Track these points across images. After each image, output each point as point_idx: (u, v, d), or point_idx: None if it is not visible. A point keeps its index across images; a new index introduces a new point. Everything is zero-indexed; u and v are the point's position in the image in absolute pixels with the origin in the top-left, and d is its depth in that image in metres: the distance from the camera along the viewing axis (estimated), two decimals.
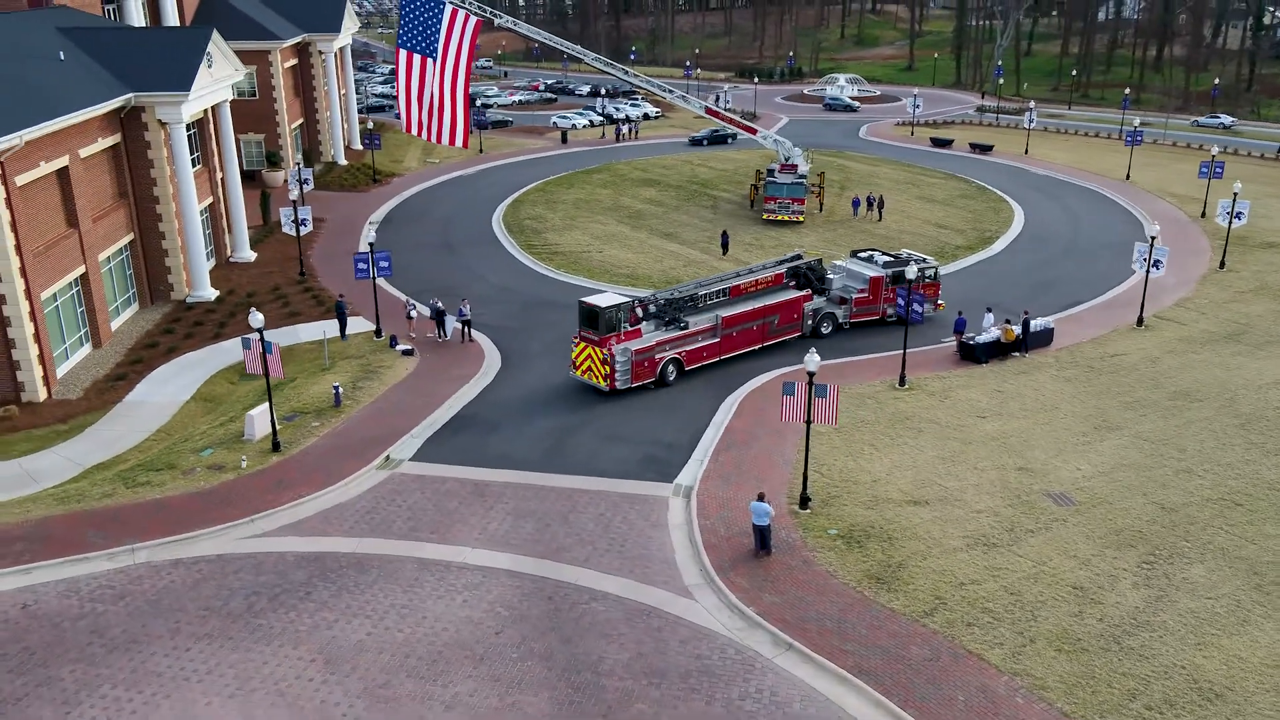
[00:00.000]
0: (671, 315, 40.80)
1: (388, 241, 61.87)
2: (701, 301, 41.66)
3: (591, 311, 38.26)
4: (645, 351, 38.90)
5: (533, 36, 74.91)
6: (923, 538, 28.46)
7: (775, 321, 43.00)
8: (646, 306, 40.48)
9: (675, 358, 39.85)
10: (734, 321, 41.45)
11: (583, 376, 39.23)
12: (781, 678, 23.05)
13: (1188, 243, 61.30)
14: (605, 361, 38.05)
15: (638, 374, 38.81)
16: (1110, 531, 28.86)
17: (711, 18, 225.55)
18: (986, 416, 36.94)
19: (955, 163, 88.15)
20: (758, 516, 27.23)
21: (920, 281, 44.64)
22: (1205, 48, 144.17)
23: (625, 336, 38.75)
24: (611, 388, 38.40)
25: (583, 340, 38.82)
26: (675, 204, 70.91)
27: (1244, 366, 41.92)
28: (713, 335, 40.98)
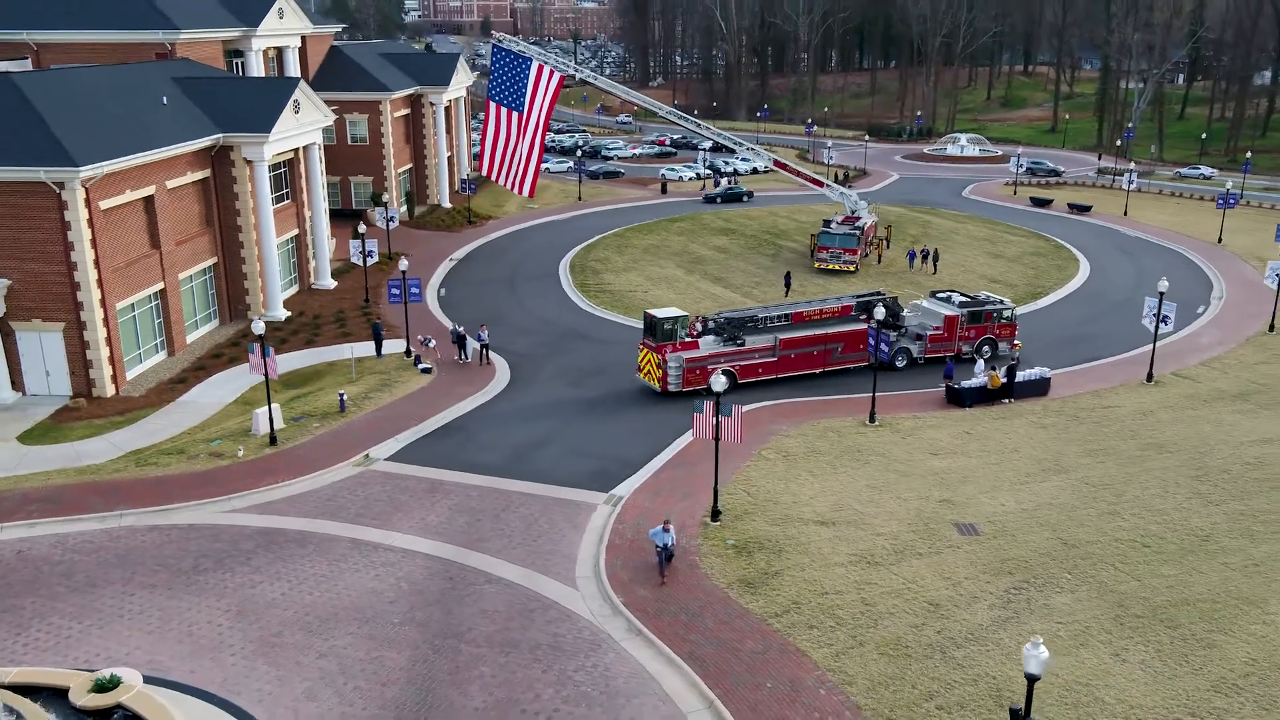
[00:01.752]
0: (731, 333, 45.17)
1: (460, 275, 67.09)
2: (762, 324, 46.04)
3: (651, 321, 43.64)
4: (698, 361, 43.71)
5: (612, 90, 79.34)
6: (811, 553, 30.24)
7: (839, 349, 46.81)
8: (707, 322, 45.65)
9: (729, 370, 44.06)
10: (792, 344, 45.68)
11: (643, 378, 44.48)
12: (620, 657, 25.42)
13: (1252, 306, 59.83)
14: (660, 366, 43.24)
15: (689, 380, 43.60)
16: (996, 560, 29.91)
17: (857, 77, 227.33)
18: (939, 454, 38.11)
19: (1049, 222, 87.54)
20: (656, 538, 28.94)
21: (998, 323, 49.45)
22: None
23: (681, 346, 43.74)
24: (664, 389, 43.55)
25: (644, 347, 44.12)
26: (739, 251, 73.58)
27: (1237, 424, 41.49)
28: (770, 354, 45.28)
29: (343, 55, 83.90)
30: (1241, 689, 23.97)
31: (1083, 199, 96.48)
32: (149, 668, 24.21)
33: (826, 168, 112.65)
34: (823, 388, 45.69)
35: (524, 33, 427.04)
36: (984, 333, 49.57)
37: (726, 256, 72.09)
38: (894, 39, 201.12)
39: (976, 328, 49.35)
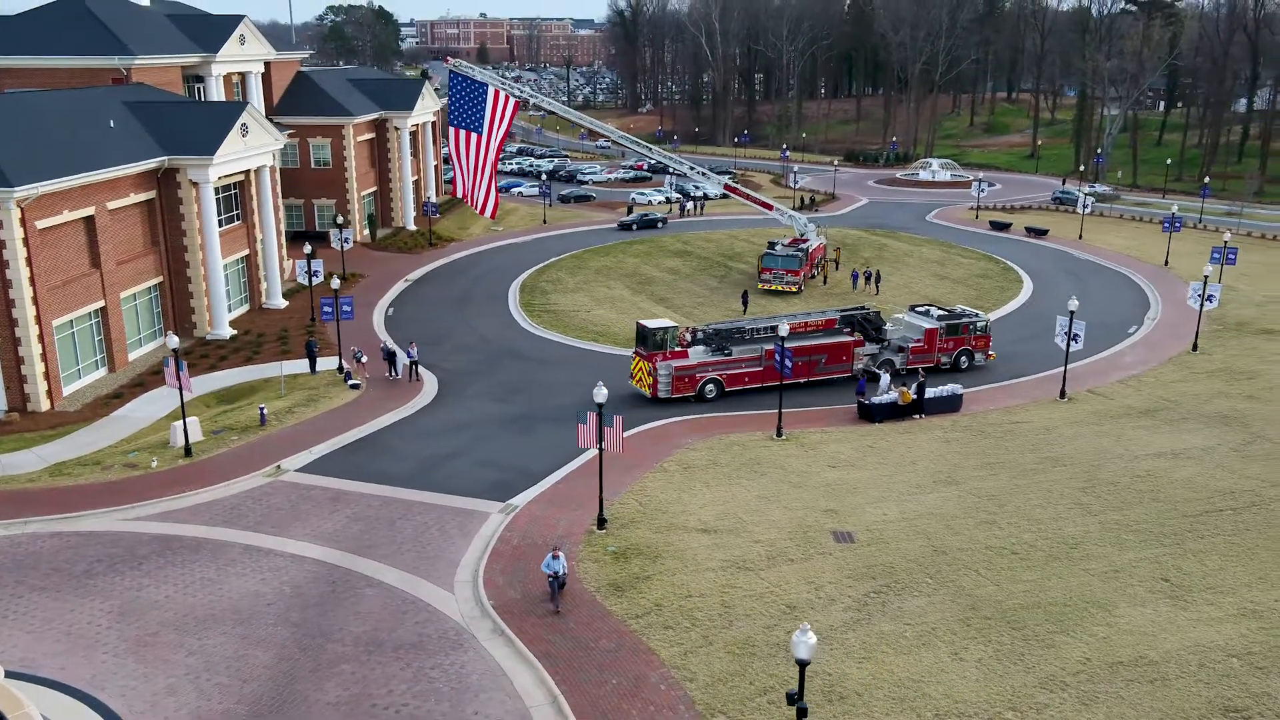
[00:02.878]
0: (719, 344, 47.24)
1: (412, 296, 68.37)
2: (749, 335, 47.89)
3: (643, 331, 46.17)
4: (687, 369, 46.08)
5: (567, 116, 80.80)
6: (685, 559, 31.21)
7: (823, 361, 48.80)
8: (696, 333, 47.97)
9: (716, 379, 46.67)
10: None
11: (635, 385, 46.96)
12: (479, 655, 26.37)
13: (1183, 326, 60.79)
14: (651, 374, 45.56)
15: (678, 387, 46.01)
16: (863, 566, 30.87)
17: (844, 104, 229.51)
18: (837, 467, 39.11)
19: (1005, 245, 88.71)
20: (546, 567, 28.65)
21: (974, 334, 51.98)
22: None
23: (671, 355, 46.09)
24: (654, 396, 45.93)
25: (637, 355, 46.78)
26: (690, 273, 74.83)
27: (1137, 439, 42.47)
28: (756, 365, 47.30)
29: (308, 80, 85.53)
30: (1067, 685, 24.87)
31: (1042, 223, 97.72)
32: (20, 664, 25.20)
33: (793, 192, 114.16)
34: (768, 401, 46.71)
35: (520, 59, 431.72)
36: (961, 344, 51.90)
37: (676, 278, 73.32)
38: (879, 66, 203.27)
39: (954, 339, 51.71)
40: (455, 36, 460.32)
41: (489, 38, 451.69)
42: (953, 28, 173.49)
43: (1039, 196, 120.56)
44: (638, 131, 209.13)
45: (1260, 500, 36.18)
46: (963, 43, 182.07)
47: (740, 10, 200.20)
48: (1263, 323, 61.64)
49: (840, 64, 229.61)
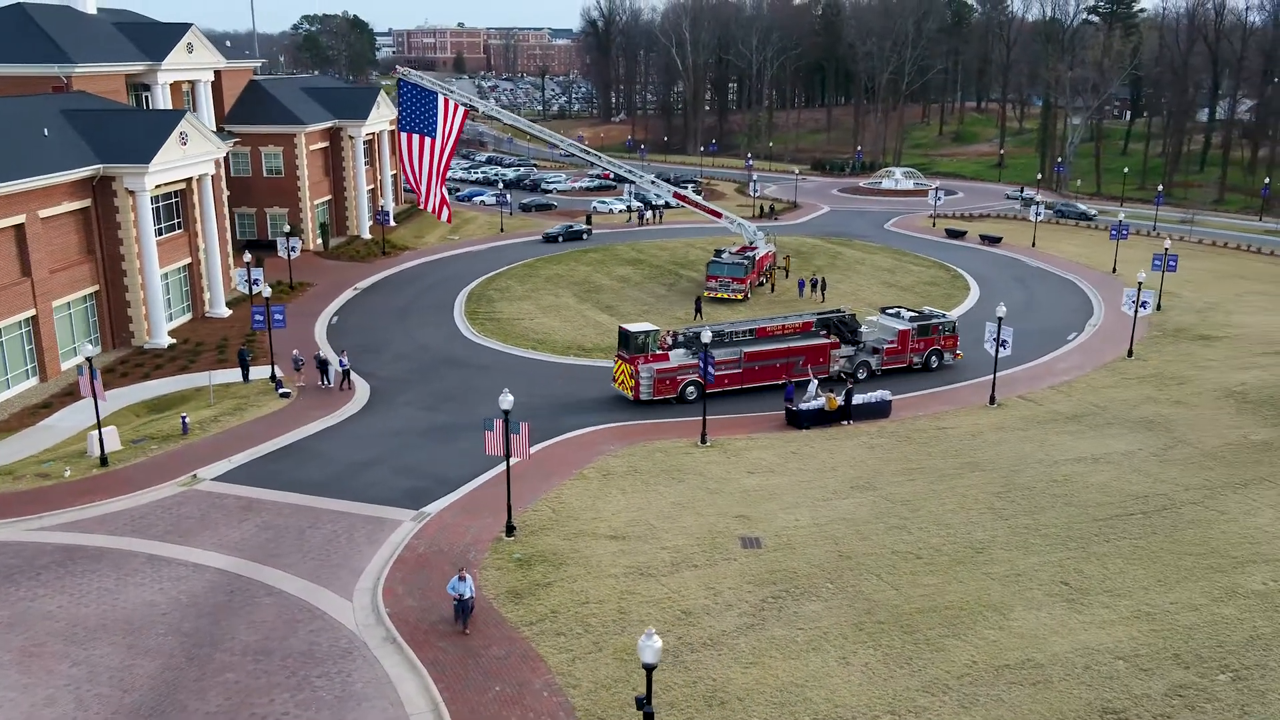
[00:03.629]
0: (699, 346, 46.46)
1: (359, 304, 68.21)
2: (729, 338, 49.01)
3: (625, 335, 46.91)
4: (668, 372, 46.82)
5: (514, 124, 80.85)
6: (590, 565, 31.16)
7: (800, 362, 49.44)
8: (677, 336, 48.83)
9: (696, 380, 46.78)
10: (756, 357, 48.77)
11: (618, 388, 47.57)
12: (367, 664, 26.23)
13: (1122, 332, 61.11)
14: (633, 376, 46.26)
15: (659, 390, 46.74)
16: (766, 571, 30.89)
17: (815, 114, 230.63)
18: (756, 473, 39.16)
19: (958, 253, 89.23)
20: (453, 589, 27.58)
21: (943, 335, 53.42)
22: None
23: (653, 358, 46.89)
24: (636, 398, 46.63)
25: (619, 359, 47.47)
26: (640, 281, 74.91)
27: (1060, 444, 42.71)
28: (735, 367, 48.20)
29: (260, 89, 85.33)
30: (950, 689, 24.94)
31: (997, 231, 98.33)
32: None
33: (753, 200, 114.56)
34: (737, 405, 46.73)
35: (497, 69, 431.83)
36: (931, 344, 53.33)
37: (625, 286, 73.37)
38: (848, 76, 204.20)
39: (925, 340, 53.14)
40: (432, 46, 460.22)
41: (465, 47, 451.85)
42: (919, 38, 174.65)
43: (998, 205, 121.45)
44: (609, 140, 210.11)
45: (1171, 504, 36.43)
46: (930, 53, 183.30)
47: (710, 20, 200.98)
48: (1201, 329, 62.17)
49: (812, 74, 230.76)
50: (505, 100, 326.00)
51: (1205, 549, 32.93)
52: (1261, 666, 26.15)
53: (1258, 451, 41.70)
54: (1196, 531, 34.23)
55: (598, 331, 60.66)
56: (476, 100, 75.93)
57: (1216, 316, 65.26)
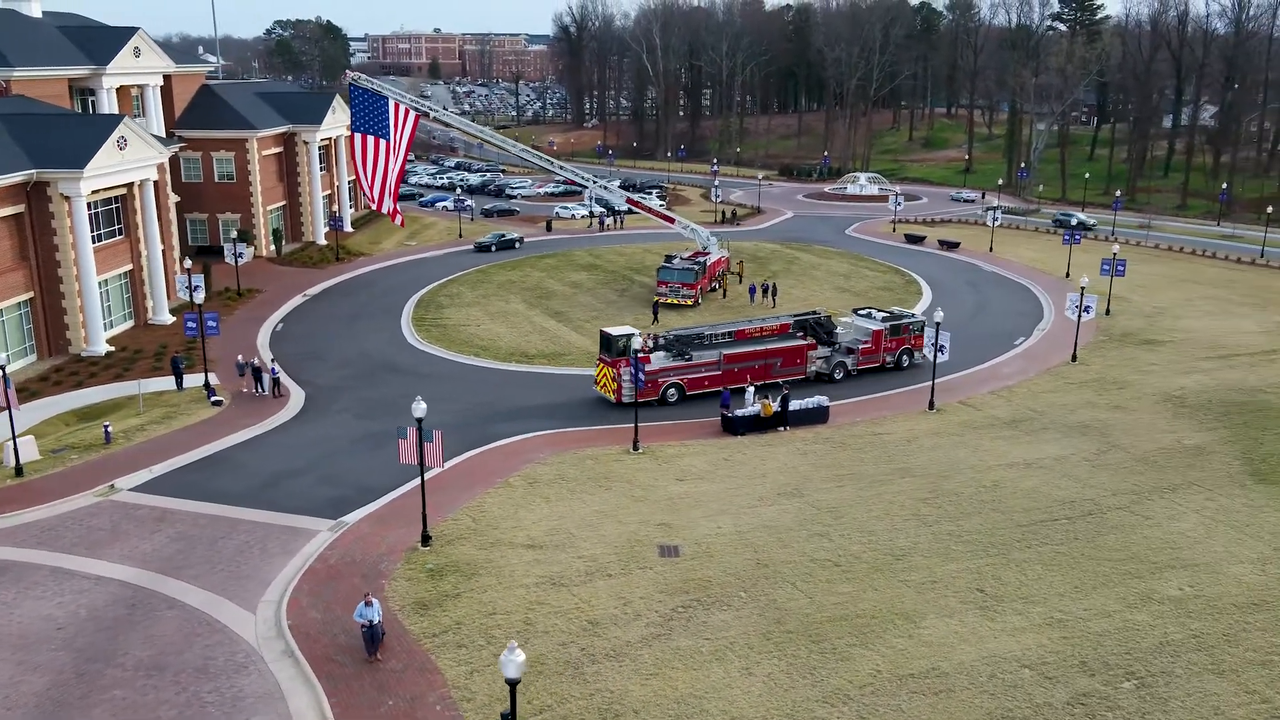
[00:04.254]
0: (680, 349, 48.64)
1: (307, 310, 67.51)
2: (708, 340, 49.47)
3: (607, 339, 47.09)
4: (650, 375, 47.10)
5: (465, 129, 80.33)
6: (503, 575, 30.69)
7: (778, 364, 50.22)
8: (658, 339, 49.34)
9: (678, 383, 47.97)
10: (735, 359, 49.12)
11: (600, 390, 47.90)
12: (262, 678, 25.68)
13: (1069, 337, 61.10)
14: (615, 379, 46.61)
15: (642, 392, 46.42)
16: (680, 580, 30.51)
17: (787, 119, 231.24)
18: (685, 480, 38.80)
19: (916, 258, 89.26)
20: (359, 615, 26.35)
21: (913, 334, 54.27)
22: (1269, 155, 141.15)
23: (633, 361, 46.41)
24: (618, 400, 46.85)
25: (600, 362, 47.80)
26: (592, 286, 74.51)
27: (993, 449, 42.56)
28: (715, 368, 48.57)
29: (212, 94, 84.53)
30: (850, 699, 24.61)
31: (956, 236, 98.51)
32: None
33: (715, 206, 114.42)
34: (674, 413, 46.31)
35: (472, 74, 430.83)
36: (902, 343, 54.18)
37: (577, 291, 72.95)
38: (819, 82, 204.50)
39: (897, 339, 54.03)
40: (407, 51, 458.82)
41: (441, 53, 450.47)
42: (886, 44, 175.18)
43: (961, 210, 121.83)
44: (581, 146, 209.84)
45: (1097, 509, 36.30)
46: (898, 59, 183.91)
47: (681, 26, 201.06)
48: (1147, 334, 62.29)
49: (784, 80, 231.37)
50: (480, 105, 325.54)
51: (1125, 554, 32.78)
52: (1167, 674, 25.96)
53: (1189, 456, 41.67)
54: (1119, 537, 34.08)
55: (543, 338, 60.24)
56: (426, 105, 75.31)
57: (1164, 321, 65.44)
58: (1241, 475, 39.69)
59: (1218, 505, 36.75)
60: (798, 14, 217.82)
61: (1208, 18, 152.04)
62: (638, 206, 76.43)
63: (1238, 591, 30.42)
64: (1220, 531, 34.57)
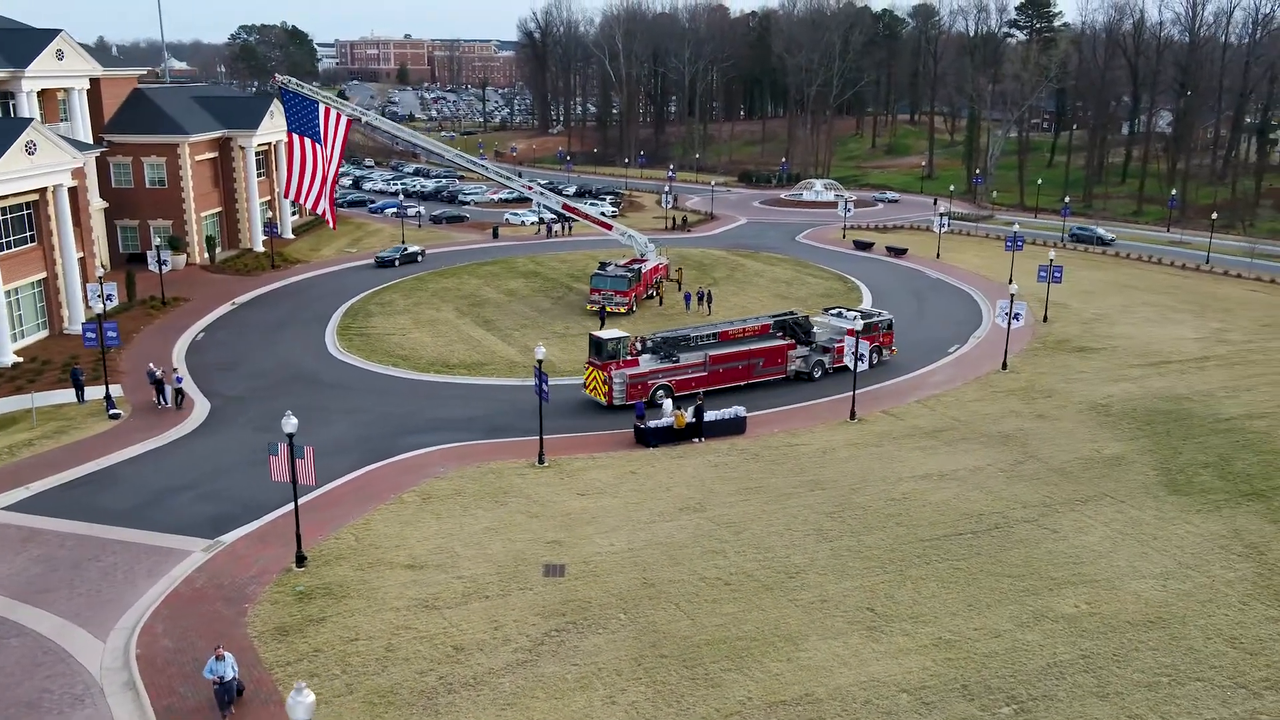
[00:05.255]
0: (666, 351, 49.11)
1: (234, 319, 65.96)
2: (694, 342, 50.01)
3: (597, 342, 47.38)
4: (639, 377, 47.50)
5: (398, 134, 78.95)
6: (374, 598, 29.34)
7: (760, 364, 51.08)
8: (645, 342, 49.61)
9: (666, 385, 48.03)
10: (720, 360, 49.88)
11: (590, 394, 48.05)
12: (96, 712, 24.24)
13: (1002, 344, 60.32)
14: (606, 382, 46.90)
15: (631, 395, 46.99)
16: (559, 602, 29.27)
17: (751, 125, 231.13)
18: (586, 495, 37.57)
19: (862, 265, 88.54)
20: (209, 671, 23.82)
21: (883, 332, 55.66)
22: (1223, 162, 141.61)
23: (624, 364, 47.50)
24: (610, 404, 47.09)
25: (590, 365, 47.92)
26: (528, 294, 73.24)
27: (908, 460, 41.59)
28: (701, 369, 49.20)
29: (144, 98, 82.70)
30: None
31: (905, 243, 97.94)
32: None
33: (666, 212, 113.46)
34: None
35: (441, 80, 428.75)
36: (874, 341, 54.42)
37: (512, 300, 71.66)
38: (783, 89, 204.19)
39: (869, 338, 53.38)
40: (375, 57, 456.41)
41: (409, 58, 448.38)
42: (846, 50, 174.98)
43: (915, 215, 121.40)
44: (543, 152, 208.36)
45: (1005, 523, 35.37)
46: (859, 65, 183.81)
47: (643, 33, 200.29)
48: (1082, 340, 61.66)
49: (748, 86, 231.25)
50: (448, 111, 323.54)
51: (1026, 570, 31.83)
52: (1049, 697, 24.95)
53: (1106, 467, 40.86)
54: (1022, 551, 33.15)
55: (468, 347, 58.92)
56: (358, 110, 73.94)
57: (1101, 328, 64.86)
58: (1156, 486, 38.87)
59: (1127, 518, 35.88)
60: (761, 20, 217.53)
61: (1161, 25, 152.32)
62: (573, 213, 75.28)
63: (1135, 609, 29.50)
64: (1126, 545, 33.70)
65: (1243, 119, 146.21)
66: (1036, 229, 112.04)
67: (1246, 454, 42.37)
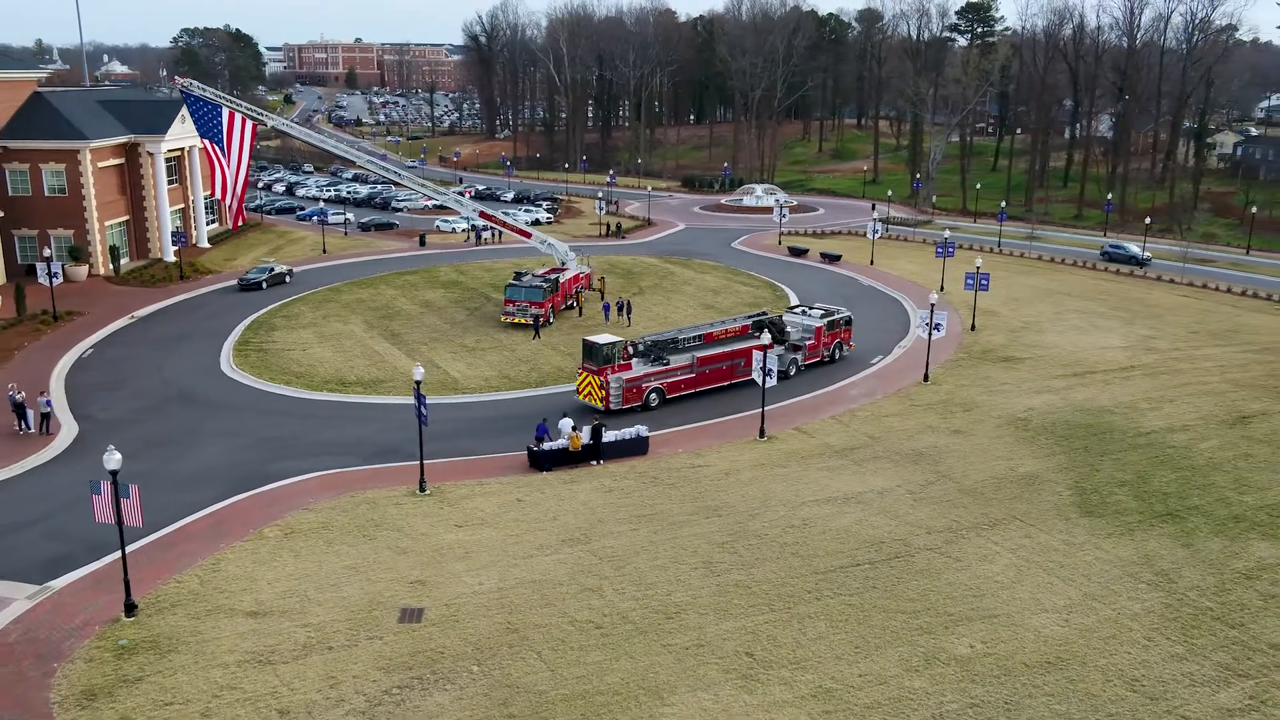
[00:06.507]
0: (656, 354, 49.31)
1: (128, 334, 62.60)
2: (682, 344, 50.32)
3: (592, 347, 47.07)
4: (634, 381, 47.79)
5: (308, 140, 75.94)
6: (204, 652, 26.59)
7: (741, 364, 51.35)
8: (636, 346, 49.23)
9: (658, 387, 48.68)
10: (707, 361, 50.49)
11: (584, 399, 47.75)
12: None
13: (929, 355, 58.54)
14: (603, 387, 46.87)
15: (627, 399, 47.57)
16: (409, 653, 26.71)
17: (699, 130, 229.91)
18: (465, 526, 35.03)
19: (795, 271, 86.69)
20: None
21: (843, 328, 57.40)
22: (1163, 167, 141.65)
23: (619, 368, 47.43)
24: (607, 408, 46.90)
25: (585, 370, 47.61)
26: (444, 306, 70.50)
27: (814, 482, 39.48)
28: (689, 371, 49.67)
29: (43, 102, 78.96)
30: None
31: (839, 249, 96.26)
32: None
33: (600, 218, 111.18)
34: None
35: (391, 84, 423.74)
36: (836, 338, 56.88)
37: (426, 311, 68.85)
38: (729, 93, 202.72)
39: (832, 334, 56.39)
40: (324, 61, 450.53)
41: (359, 62, 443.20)
42: (790, 55, 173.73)
43: (854, 221, 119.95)
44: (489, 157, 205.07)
45: (906, 551, 33.31)
46: (803, 70, 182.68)
47: (589, 37, 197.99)
48: (1008, 350, 60.04)
49: (695, 91, 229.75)
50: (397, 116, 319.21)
51: (922, 605, 29.73)
52: None
53: (1019, 486, 38.99)
54: (921, 584, 31.06)
55: (369, 362, 56.10)
56: (264, 114, 70.85)
57: (1028, 336, 63.33)
58: (1068, 508, 37.05)
59: (1035, 543, 33.97)
60: (707, 24, 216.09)
61: (1100, 30, 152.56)
62: (491, 220, 72.66)
63: (1033, 648, 27.46)
64: (1031, 575, 31.73)
65: (1181, 123, 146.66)
66: (974, 234, 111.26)
67: (1164, 470, 40.72)
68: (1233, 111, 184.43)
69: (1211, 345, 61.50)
